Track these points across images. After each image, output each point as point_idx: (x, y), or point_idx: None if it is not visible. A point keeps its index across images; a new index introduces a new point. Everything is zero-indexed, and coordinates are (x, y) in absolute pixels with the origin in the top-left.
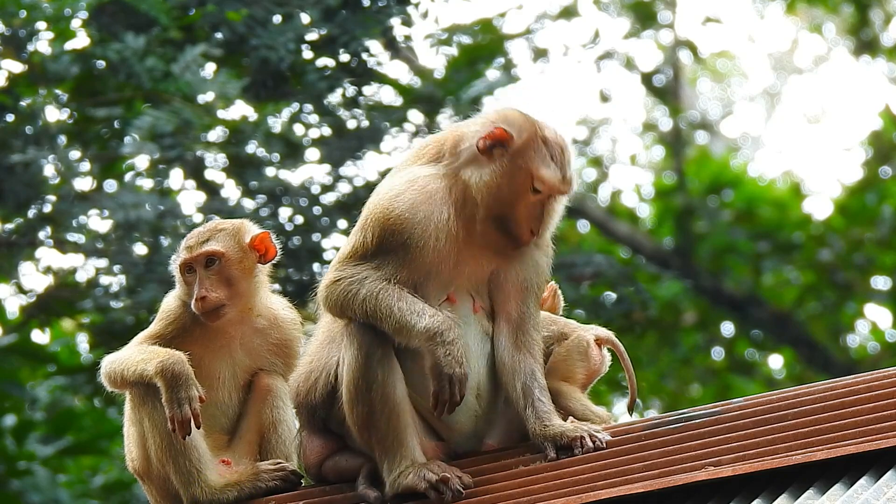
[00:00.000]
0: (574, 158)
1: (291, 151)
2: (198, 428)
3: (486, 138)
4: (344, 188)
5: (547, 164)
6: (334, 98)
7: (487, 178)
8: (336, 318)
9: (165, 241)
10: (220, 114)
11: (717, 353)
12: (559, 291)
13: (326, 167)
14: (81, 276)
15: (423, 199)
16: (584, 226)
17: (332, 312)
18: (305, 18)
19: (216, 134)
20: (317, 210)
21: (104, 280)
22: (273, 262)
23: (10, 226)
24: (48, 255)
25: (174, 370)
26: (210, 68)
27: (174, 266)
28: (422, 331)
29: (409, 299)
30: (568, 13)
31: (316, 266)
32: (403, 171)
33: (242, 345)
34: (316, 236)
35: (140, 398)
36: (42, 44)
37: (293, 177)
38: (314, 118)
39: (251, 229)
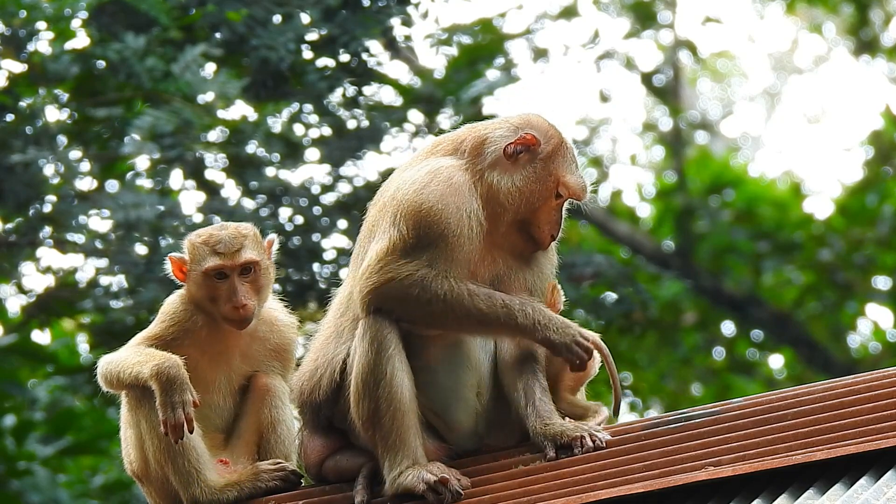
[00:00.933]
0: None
1: (291, 151)
2: (191, 433)
3: (515, 143)
4: (344, 188)
5: (572, 171)
6: (334, 98)
7: (520, 184)
8: (380, 319)
9: (164, 242)
10: (220, 114)
11: (718, 352)
12: (559, 289)
13: (326, 167)
14: (82, 277)
15: (451, 191)
16: (583, 225)
17: (382, 311)
18: (305, 18)
19: (216, 134)
20: (317, 210)
21: (104, 280)
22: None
23: (10, 226)
24: (48, 255)
25: (169, 374)
26: (210, 68)
27: (198, 270)
28: (516, 328)
29: (481, 293)
30: (568, 13)
31: (316, 266)
32: (421, 164)
33: (241, 351)
34: (316, 236)
35: (136, 400)
36: (42, 44)
37: (293, 177)
38: (314, 118)
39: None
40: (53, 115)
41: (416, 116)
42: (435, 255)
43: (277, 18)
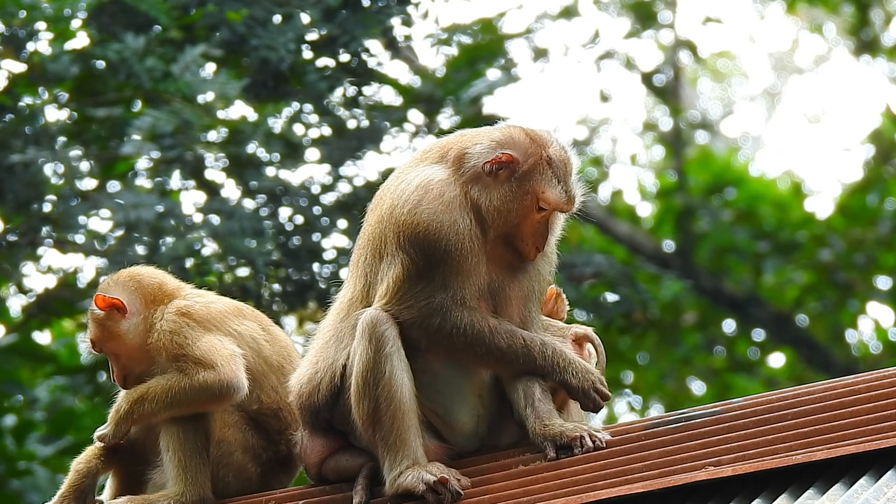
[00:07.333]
0: (577, 169)
1: (291, 151)
2: None
3: (491, 163)
4: (344, 188)
5: (553, 185)
6: (334, 98)
7: (497, 203)
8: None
9: (164, 242)
10: (220, 114)
11: (718, 352)
12: (563, 297)
13: (326, 167)
14: (84, 278)
15: (444, 208)
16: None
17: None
18: (305, 18)
19: (216, 134)
20: (317, 210)
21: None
22: (127, 306)
23: (10, 226)
24: (49, 255)
25: None
26: (210, 68)
27: None
28: (535, 369)
29: (502, 331)
30: (568, 13)
31: (316, 266)
32: (412, 174)
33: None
34: (316, 236)
35: None
36: (42, 44)
37: (293, 177)
38: (314, 118)
39: (99, 294)
40: (53, 115)
41: (416, 116)
42: (445, 274)
43: (277, 18)
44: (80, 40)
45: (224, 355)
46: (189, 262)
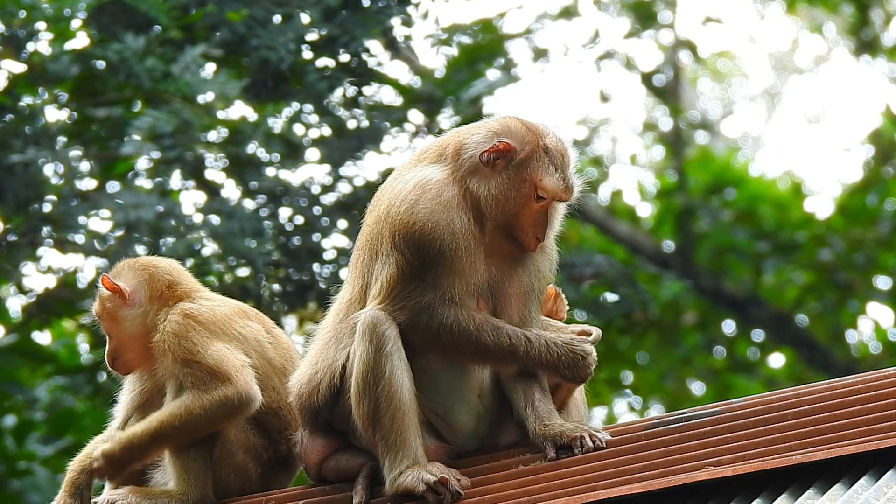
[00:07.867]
0: (575, 160)
1: (291, 151)
2: None
3: (489, 152)
4: (344, 188)
5: (550, 173)
6: (334, 98)
7: (495, 192)
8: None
9: (164, 242)
10: (220, 114)
11: (718, 352)
12: (563, 297)
13: (326, 167)
14: (84, 278)
15: (441, 208)
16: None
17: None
18: (305, 19)
19: (216, 134)
20: (317, 210)
21: None
22: (128, 295)
23: (10, 226)
24: (49, 255)
25: None
26: (210, 68)
27: None
28: (524, 366)
29: (488, 328)
30: (568, 13)
31: (316, 266)
32: (410, 174)
33: (170, 381)
34: (316, 236)
35: None
36: (42, 44)
37: (293, 177)
38: (314, 118)
39: (106, 275)
40: (53, 115)
41: (416, 116)
42: (437, 274)
43: (277, 18)
44: (80, 40)
45: (236, 366)
46: (189, 263)
